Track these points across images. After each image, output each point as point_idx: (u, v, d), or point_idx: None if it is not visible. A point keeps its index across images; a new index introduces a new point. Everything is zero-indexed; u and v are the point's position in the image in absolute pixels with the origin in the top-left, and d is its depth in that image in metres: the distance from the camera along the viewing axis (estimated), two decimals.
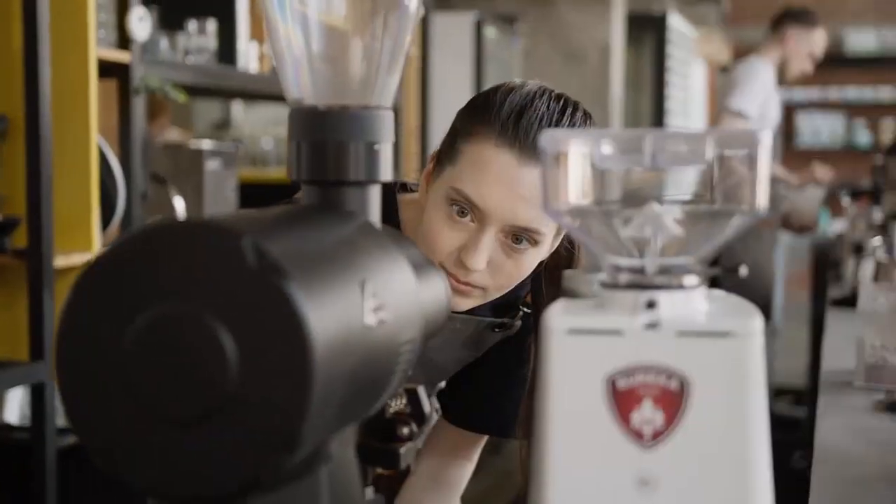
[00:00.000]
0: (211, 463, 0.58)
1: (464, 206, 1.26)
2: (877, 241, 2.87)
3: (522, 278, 1.31)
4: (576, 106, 1.30)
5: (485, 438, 1.56)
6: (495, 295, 1.32)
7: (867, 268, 2.62)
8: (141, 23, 2.75)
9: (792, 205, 4.92)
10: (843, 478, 1.38)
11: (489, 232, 1.25)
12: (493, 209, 1.24)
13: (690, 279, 0.68)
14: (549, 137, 0.68)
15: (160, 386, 0.58)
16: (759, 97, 4.59)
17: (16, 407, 2.78)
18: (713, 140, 0.67)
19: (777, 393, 5.27)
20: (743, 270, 0.67)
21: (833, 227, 5.45)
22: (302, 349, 0.57)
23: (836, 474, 1.39)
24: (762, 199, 0.66)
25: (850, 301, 2.60)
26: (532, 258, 1.29)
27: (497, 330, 1.44)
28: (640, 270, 0.68)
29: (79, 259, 2.56)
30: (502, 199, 1.24)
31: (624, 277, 0.68)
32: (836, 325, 2.53)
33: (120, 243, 0.60)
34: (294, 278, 0.58)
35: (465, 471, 1.58)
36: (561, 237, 1.35)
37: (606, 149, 0.68)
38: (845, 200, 4.70)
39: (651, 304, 0.66)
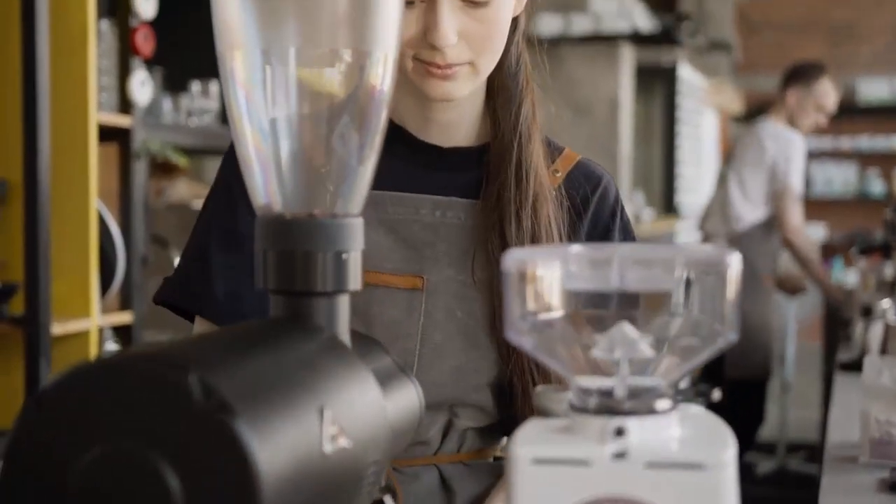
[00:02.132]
0: None
1: None
2: (886, 303, 2.83)
3: (503, 36, 1.23)
4: None
5: None
6: (486, 67, 1.23)
7: (876, 331, 2.58)
8: (142, 87, 2.75)
9: (785, 267, 4.89)
10: None
11: (443, 1, 1.17)
12: None
13: (662, 403, 0.65)
14: (512, 258, 0.66)
15: None
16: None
17: None
18: (682, 261, 0.65)
19: (790, 449, 5.20)
20: (716, 394, 0.64)
21: (846, 277, 5.40)
22: (250, 489, 0.55)
23: None
24: (731, 323, 0.64)
25: (858, 365, 2.55)
26: (501, 11, 1.21)
27: None
28: (610, 393, 0.65)
29: (77, 326, 2.55)
30: None
31: (592, 401, 0.65)
32: (844, 392, 2.48)
33: (63, 379, 0.58)
34: (242, 415, 0.56)
35: None
36: None
37: (573, 268, 0.65)
38: (855, 254, 4.66)
39: (620, 432, 0.63)
